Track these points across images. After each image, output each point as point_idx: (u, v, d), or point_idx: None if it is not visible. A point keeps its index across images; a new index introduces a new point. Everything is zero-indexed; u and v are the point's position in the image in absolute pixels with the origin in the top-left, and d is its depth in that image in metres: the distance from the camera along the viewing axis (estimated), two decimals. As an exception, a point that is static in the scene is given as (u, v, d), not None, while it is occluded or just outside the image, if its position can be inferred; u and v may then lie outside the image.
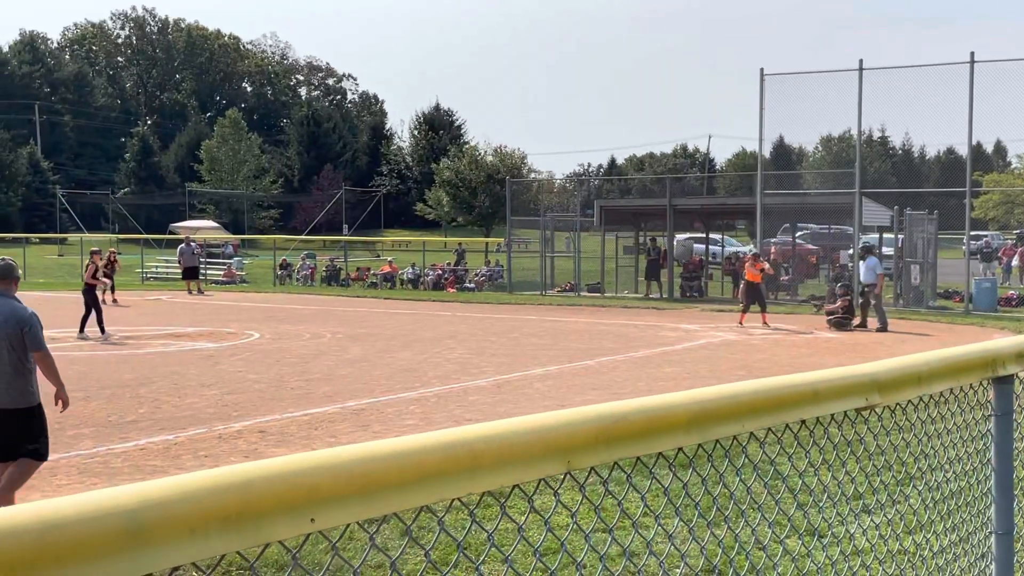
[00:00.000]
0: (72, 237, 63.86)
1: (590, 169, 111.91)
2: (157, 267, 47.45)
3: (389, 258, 45.71)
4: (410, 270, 41.17)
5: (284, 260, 45.06)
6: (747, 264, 23.87)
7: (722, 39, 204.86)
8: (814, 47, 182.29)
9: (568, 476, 2.10)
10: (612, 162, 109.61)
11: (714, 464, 2.47)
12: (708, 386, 2.41)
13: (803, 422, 2.67)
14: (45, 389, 7.63)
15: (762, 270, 23.59)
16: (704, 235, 38.18)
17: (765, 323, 22.84)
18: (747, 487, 2.57)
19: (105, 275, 30.73)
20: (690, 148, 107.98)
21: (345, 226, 76.35)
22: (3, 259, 7.55)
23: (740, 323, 22.94)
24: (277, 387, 14.03)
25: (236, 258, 49.51)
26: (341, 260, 44.95)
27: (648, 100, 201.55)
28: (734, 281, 32.68)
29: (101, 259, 22.77)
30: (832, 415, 2.76)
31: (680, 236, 37.20)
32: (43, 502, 1.38)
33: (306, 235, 67.32)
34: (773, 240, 34.37)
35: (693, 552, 3.71)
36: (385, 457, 1.77)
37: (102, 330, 20.56)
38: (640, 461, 2.27)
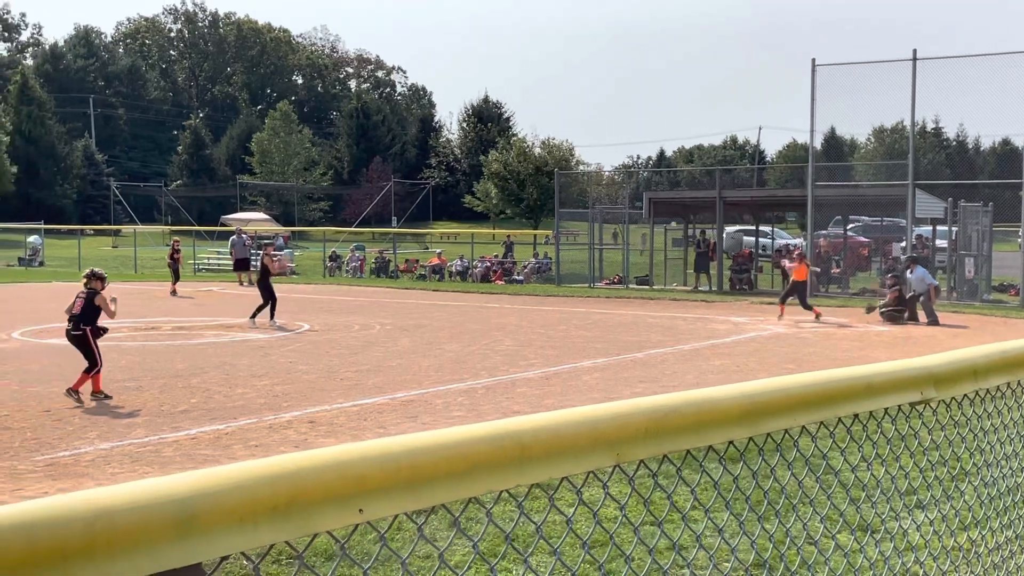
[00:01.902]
0: (126, 229, 64.86)
1: (639, 161, 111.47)
2: (209, 259, 48.02)
3: (438, 250, 45.87)
4: (458, 262, 41.27)
5: (334, 252, 45.38)
6: (794, 263, 23.44)
7: (773, 29, 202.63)
8: (867, 36, 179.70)
9: (617, 469, 2.09)
10: (661, 154, 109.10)
11: (765, 458, 2.44)
12: (757, 379, 2.38)
13: (856, 416, 2.62)
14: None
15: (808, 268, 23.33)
16: (754, 227, 37.82)
17: (817, 316, 22.58)
18: (799, 481, 2.53)
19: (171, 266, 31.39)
20: (740, 140, 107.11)
21: (394, 218, 76.74)
22: None
23: (780, 315, 22.78)
24: (327, 378, 14.13)
25: (286, 250, 49.96)
26: (390, 252, 45.18)
27: (698, 91, 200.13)
28: (784, 274, 32.36)
29: (272, 257, 23.05)
30: (886, 409, 2.71)
31: (730, 228, 36.91)
32: (97, 490, 1.40)
33: (355, 227, 67.74)
34: (824, 232, 33.95)
35: (743, 546, 3.67)
36: (433, 448, 1.76)
37: (271, 316, 20.98)
38: (690, 454, 2.24)
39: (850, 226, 36.17)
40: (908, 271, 22.76)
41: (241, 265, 36.21)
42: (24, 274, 42.62)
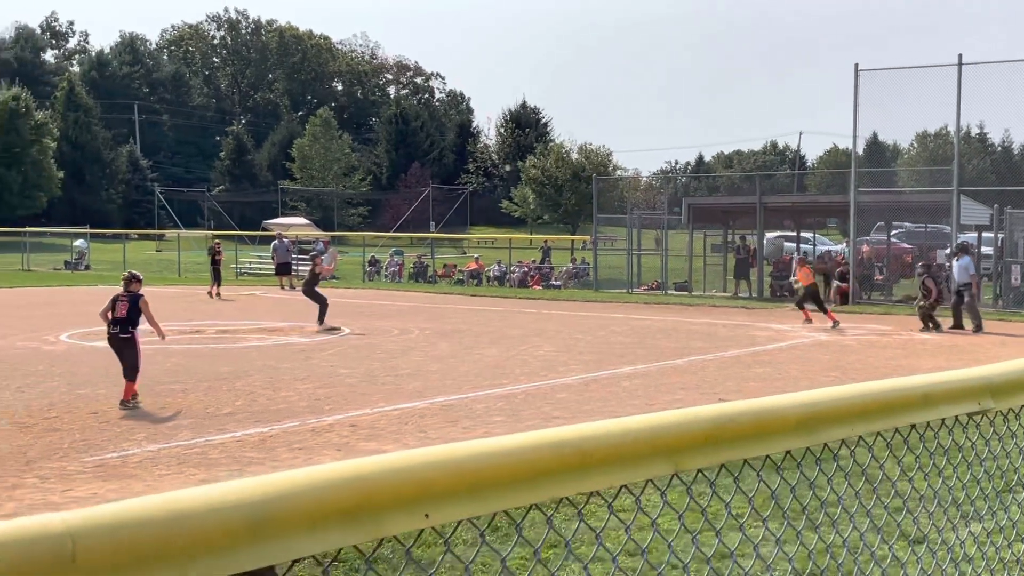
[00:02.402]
0: (169, 233, 65.59)
1: (677, 166, 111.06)
2: (250, 263, 48.46)
3: (475, 255, 45.96)
4: (496, 267, 41.34)
5: (373, 257, 45.62)
6: (801, 269, 23.45)
7: (814, 34, 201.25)
8: (910, 41, 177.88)
9: (675, 477, 2.09)
10: (700, 159, 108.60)
11: (822, 467, 2.43)
12: (813, 389, 2.37)
13: (913, 426, 2.61)
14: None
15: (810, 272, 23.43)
16: (795, 233, 37.54)
17: (823, 320, 22.57)
18: (856, 491, 2.52)
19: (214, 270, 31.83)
20: (780, 145, 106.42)
21: (432, 223, 77.02)
22: None
23: (832, 321, 22.55)
24: (367, 382, 14.21)
25: (327, 254, 50.23)
26: (428, 257, 45.35)
27: (737, 96, 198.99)
28: (825, 281, 32.09)
29: (322, 261, 23.59)
30: (943, 419, 2.70)
31: (770, 234, 36.66)
32: (173, 493, 1.42)
33: (394, 232, 68.07)
34: (866, 239, 33.64)
35: (800, 555, 3.66)
36: (496, 455, 1.78)
37: (320, 321, 21.16)
38: (747, 463, 2.24)
39: (893, 232, 35.80)
40: (955, 258, 22.52)
41: (283, 269, 36.49)
42: (70, 277, 43.26)
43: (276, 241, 37.80)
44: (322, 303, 21.63)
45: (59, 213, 74.82)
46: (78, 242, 51.86)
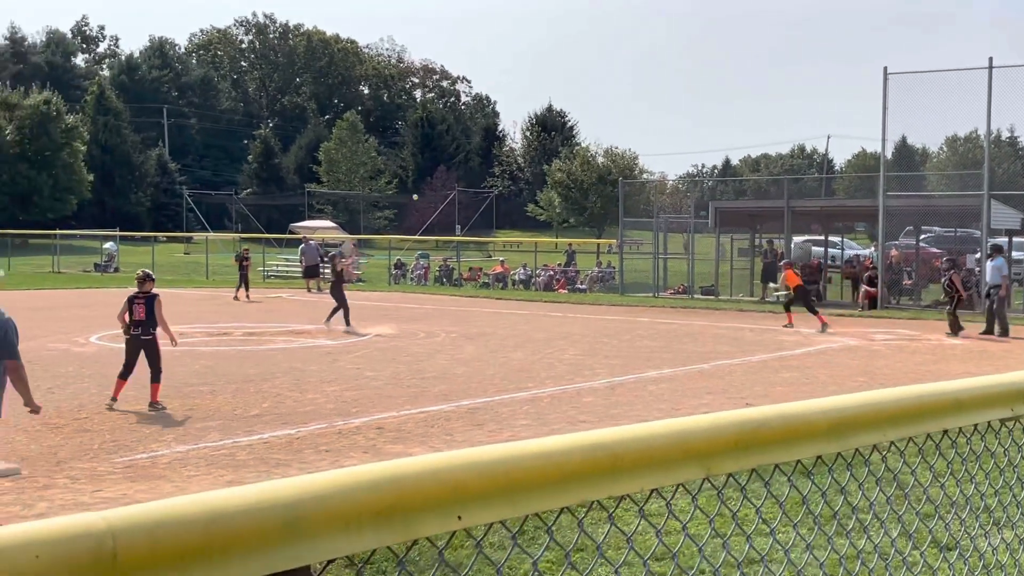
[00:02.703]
0: (197, 236, 66.06)
1: (704, 170, 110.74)
2: (277, 265, 48.71)
3: (501, 258, 46.00)
4: (521, 270, 41.35)
5: (399, 260, 45.75)
6: (786, 272, 23.78)
7: (842, 36, 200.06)
8: (939, 44, 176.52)
9: (705, 481, 2.09)
10: (727, 163, 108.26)
11: (853, 472, 2.43)
12: (845, 394, 2.36)
13: (945, 432, 2.60)
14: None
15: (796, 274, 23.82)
16: (823, 237, 37.33)
17: (790, 323, 22.97)
18: (887, 497, 2.51)
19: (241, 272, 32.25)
20: (808, 148, 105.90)
21: (458, 226, 77.16)
22: None
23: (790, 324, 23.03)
24: (393, 384, 14.25)
25: (354, 257, 50.43)
26: (454, 260, 45.41)
27: (764, 99, 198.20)
28: (853, 285, 31.88)
29: (345, 258, 24.31)
30: (975, 425, 2.68)
31: (797, 238, 36.47)
32: (210, 493, 1.44)
33: (420, 235, 68.22)
34: (895, 243, 33.39)
35: (831, 560, 3.64)
36: (528, 457, 1.79)
37: (347, 322, 21.80)
38: (778, 468, 2.24)
39: (922, 237, 35.52)
40: (988, 259, 22.39)
41: (311, 272, 36.65)
42: (100, 279, 43.63)
43: (304, 244, 38.00)
44: (344, 305, 21.98)
45: (89, 216, 75.50)
46: (107, 244, 52.32)
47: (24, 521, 7.36)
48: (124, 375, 12.14)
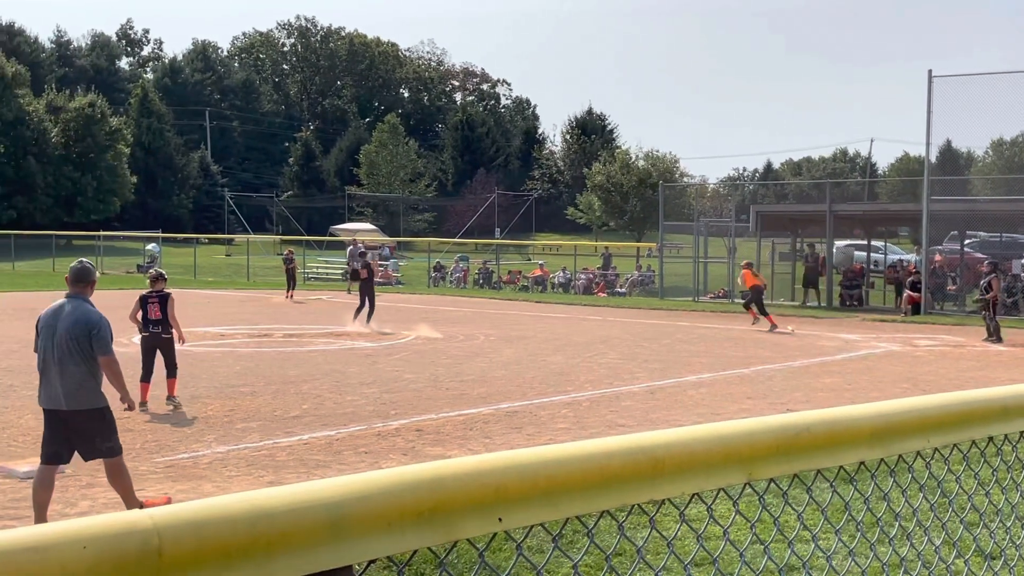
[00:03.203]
0: (239, 238, 66.66)
1: (745, 173, 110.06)
2: (318, 268, 49.04)
3: (540, 262, 45.99)
4: (561, 274, 41.32)
5: (438, 263, 45.88)
6: (744, 273, 24.52)
7: (886, 38, 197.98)
8: (985, 47, 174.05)
9: (747, 486, 2.08)
10: (768, 166, 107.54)
11: (896, 479, 2.40)
12: (877, 400, 2.34)
13: (990, 439, 2.56)
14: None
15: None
16: (864, 242, 36.96)
17: (772, 327, 23.37)
18: (931, 504, 2.48)
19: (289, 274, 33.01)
20: (850, 152, 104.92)
21: (497, 229, 77.26)
22: (80, 262, 7.81)
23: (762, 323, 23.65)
24: (433, 387, 14.30)
25: (392, 260, 50.70)
26: (493, 263, 45.46)
27: (806, 102, 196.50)
28: (897, 290, 31.54)
29: (376, 261, 25.38)
30: (1021, 432, 2.64)
31: (840, 243, 36.14)
32: (255, 492, 1.45)
33: (459, 238, 68.38)
34: (939, 248, 32.98)
35: (873, 568, 3.60)
36: (569, 460, 1.79)
37: (368, 320, 22.50)
38: (820, 473, 2.22)
39: (967, 242, 35.06)
40: None
41: (356, 275, 36.88)
42: (142, 281, 44.10)
43: (352, 247, 38.39)
44: (363, 303, 22.69)
45: (132, 217, 76.43)
46: (150, 246, 52.95)
47: (67, 519, 7.47)
48: (145, 377, 12.23)
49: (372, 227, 67.48)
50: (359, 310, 22.73)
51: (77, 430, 7.38)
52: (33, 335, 7.74)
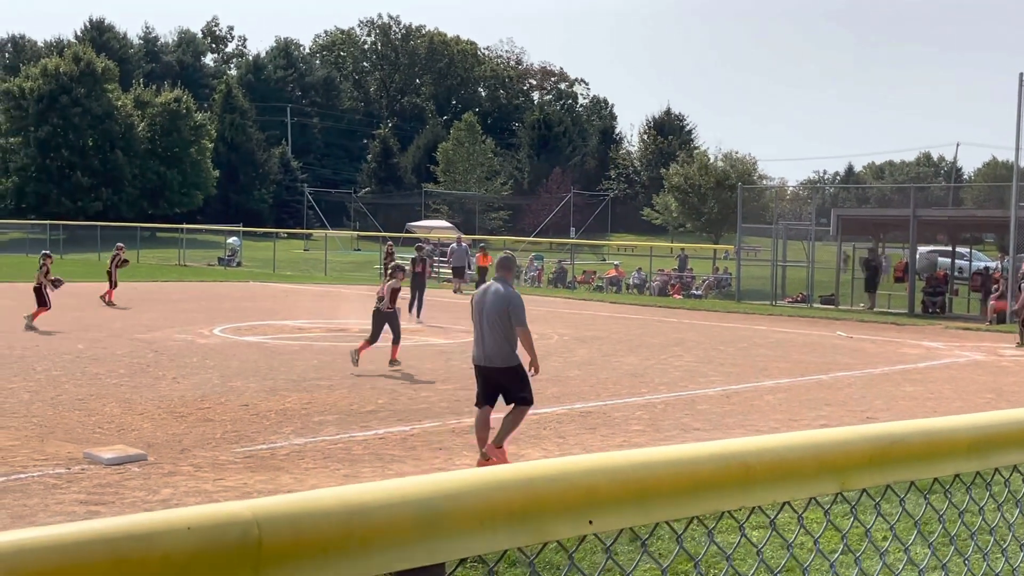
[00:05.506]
0: (317, 233, 67.58)
1: (825, 176, 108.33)
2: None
3: (615, 262, 45.79)
4: (636, 275, 41.10)
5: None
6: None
7: (974, 40, 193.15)
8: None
9: (839, 496, 2.04)
10: (849, 169, 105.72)
11: (992, 492, 2.34)
12: (960, 410, 2.28)
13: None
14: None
15: None
16: (949, 248, 36.10)
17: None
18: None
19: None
20: (935, 156, 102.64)
21: (572, 229, 77.13)
22: (506, 253, 10.05)
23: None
24: (506, 385, 14.30)
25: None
26: (568, 262, 45.39)
27: (890, 104, 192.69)
28: (983, 298, 30.75)
29: (420, 259, 26.57)
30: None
31: (923, 248, 35.36)
32: (350, 487, 1.47)
33: (534, 237, 68.42)
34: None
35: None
36: (659, 464, 1.77)
37: (415, 313, 23.95)
38: (914, 485, 2.17)
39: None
40: None
41: (459, 272, 37.03)
42: (223, 273, 45.01)
43: (454, 244, 38.75)
44: (421, 298, 24.36)
45: (213, 211, 77.97)
46: (231, 239, 53.94)
47: (148, 506, 7.63)
48: (371, 341, 15.40)
49: (448, 224, 67.84)
50: (411, 303, 23.98)
51: (499, 382, 9.34)
52: None
